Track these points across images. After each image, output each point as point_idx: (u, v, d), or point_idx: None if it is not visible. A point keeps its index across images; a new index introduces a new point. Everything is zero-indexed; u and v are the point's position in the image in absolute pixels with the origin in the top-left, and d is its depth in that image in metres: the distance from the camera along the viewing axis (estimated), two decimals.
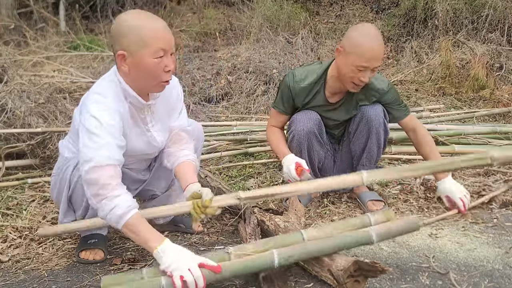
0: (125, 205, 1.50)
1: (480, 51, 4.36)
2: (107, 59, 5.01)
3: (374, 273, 1.44)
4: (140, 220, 1.53)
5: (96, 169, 1.50)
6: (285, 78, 2.24)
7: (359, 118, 2.18)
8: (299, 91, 2.18)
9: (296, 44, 4.90)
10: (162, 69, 1.58)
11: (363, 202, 2.27)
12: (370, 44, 1.95)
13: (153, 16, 1.60)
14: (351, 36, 2.02)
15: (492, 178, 2.57)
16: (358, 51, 1.96)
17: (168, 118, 1.85)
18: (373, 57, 1.95)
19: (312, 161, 2.24)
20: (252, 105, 3.94)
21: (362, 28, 2.04)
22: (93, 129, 1.54)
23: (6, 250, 1.99)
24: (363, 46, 1.95)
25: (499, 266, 1.70)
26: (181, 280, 1.40)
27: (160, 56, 1.54)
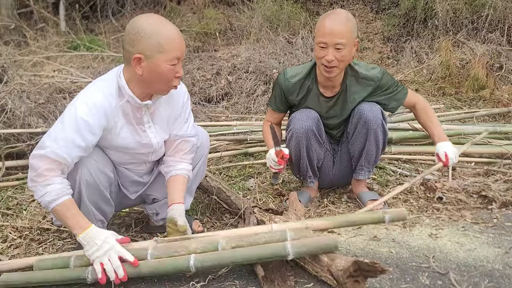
0: (55, 193, 1.58)
1: (480, 51, 4.36)
2: (107, 59, 5.01)
3: (374, 273, 1.44)
4: (69, 207, 1.61)
5: (42, 158, 1.58)
6: (277, 77, 2.26)
7: (356, 119, 2.17)
8: (290, 87, 2.19)
9: (296, 44, 4.90)
10: (174, 75, 1.64)
11: (363, 201, 2.27)
12: (325, 20, 2.01)
13: (168, 22, 1.64)
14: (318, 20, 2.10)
15: (492, 178, 2.57)
16: (317, 29, 2.04)
17: (169, 123, 1.86)
18: (327, 32, 1.97)
19: (311, 160, 2.24)
20: (252, 105, 3.94)
21: (328, 12, 2.09)
22: (66, 119, 1.61)
23: (6, 250, 1.99)
24: (319, 23, 2.03)
25: (499, 266, 1.70)
26: (101, 267, 1.55)
27: (174, 63, 1.60)
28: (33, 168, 1.59)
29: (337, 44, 1.97)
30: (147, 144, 1.81)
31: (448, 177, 2.61)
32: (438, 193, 2.37)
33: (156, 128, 1.81)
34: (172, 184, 1.85)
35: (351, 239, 1.96)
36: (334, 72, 2.05)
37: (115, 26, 6.33)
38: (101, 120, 1.63)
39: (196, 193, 2.44)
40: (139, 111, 1.73)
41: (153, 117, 1.79)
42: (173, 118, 1.86)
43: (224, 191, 2.21)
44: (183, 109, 1.88)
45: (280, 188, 2.55)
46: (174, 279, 1.68)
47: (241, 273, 1.70)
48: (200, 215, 2.26)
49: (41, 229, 2.16)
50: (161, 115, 1.81)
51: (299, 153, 2.19)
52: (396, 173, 2.69)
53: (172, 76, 1.63)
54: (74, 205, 1.63)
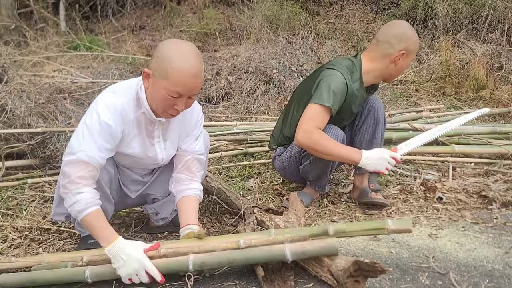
0: (84, 202, 1.59)
1: (480, 51, 4.36)
2: (107, 59, 5.01)
3: (374, 273, 1.44)
4: (97, 218, 1.62)
5: (75, 164, 1.60)
6: (338, 76, 2.09)
7: (367, 110, 2.26)
8: (355, 90, 2.15)
9: (296, 44, 4.90)
10: (172, 105, 1.62)
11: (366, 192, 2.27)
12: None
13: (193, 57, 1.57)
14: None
15: (492, 178, 2.57)
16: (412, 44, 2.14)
17: (179, 140, 1.86)
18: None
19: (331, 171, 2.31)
20: (252, 105, 3.94)
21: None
22: (90, 124, 1.63)
23: (6, 250, 1.99)
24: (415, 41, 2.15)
25: (499, 266, 1.70)
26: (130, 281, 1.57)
27: (175, 96, 1.58)
28: (65, 174, 1.62)
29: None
30: (152, 158, 1.82)
31: (448, 177, 2.61)
32: (438, 193, 2.37)
33: (165, 144, 1.82)
34: (186, 206, 1.82)
35: (351, 239, 1.96)
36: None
37: (115, 26, 6.32)
38: (121, 124, 1.67)
39: None
40: (152, 124, 1.75)
41: (165, 132, 1.80)
42: (184, 135, 1.86)
43: (224, 191, 2.21)
44: (195, 127, 1.88)
45: (280, 188, 2.55)
46: (174, 279, 1.68)
47: (241, 273, 1.70)
48: (200, 215, 2.26)
49: (41, 229, 2.16)
50: (173, 131, 1.82)
51: (325, 169, 2.22)
52: (396, 173, 2.69)
53: (170, 106, 1.62)
54: (103, 216, 1.64)
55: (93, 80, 4.20)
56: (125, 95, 1.68)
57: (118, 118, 1.65)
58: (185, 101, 1.62)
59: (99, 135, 1.62)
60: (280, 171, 2.41)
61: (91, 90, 3.97)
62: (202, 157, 1.91)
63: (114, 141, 1.67)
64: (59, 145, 2.62)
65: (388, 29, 2.14)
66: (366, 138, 2.27)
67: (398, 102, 4.08)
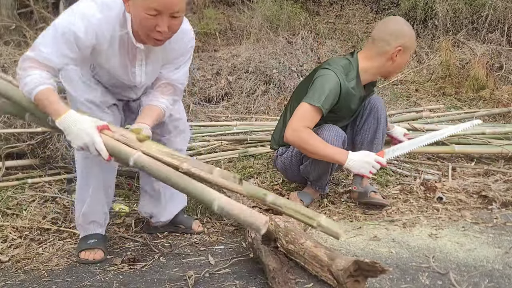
0: (33, 82, 1.56)
1: (480, 51, 4.36)
2: None
3: (374, 273, 1.44)
4: (48, 95, 1.57)
5: (31, 60, 1.58)
6: (332, 76, 2.10)
7: (368, 110, 2.26)
8: (350, 89, 2.15)
9: (296, 44, 4.89)
10: (153, 26, 1.53)
11: (365, 193, 2.27)
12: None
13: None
14: None
15: (492, 178, 2.57)
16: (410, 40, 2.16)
17: (162, 66, 1.81)
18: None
19: (332, 173, 2.31)
20: (252, 105, 3.94)
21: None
22: (60, 28, 1.59)
23: (6, 250, 1.99)
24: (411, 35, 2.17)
25: (499, 266, 1.70)
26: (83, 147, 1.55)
27: (152, 14, 1.51)
28: (20, 66, 1.60)
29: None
30: (131, 79, 1.77)
31: (448, 177, 2.62)
32: (438, 193, 2.37)
33: (147, 68, 1.76)
34: (146, 111, 1.76)
35: (351, 239, 1.96)
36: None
37: None
38: (94, 40, 1.61)
39: None
40: (134, 48, 1.69)
41: (148, 57, 1.74)
42: (166, 61, 1.80)
43: (224, 191, 2.20)
44: (182, 56, 1.82)
45: (280, 188, 2.54)
46: (174, 279, 1.68)
47: (241, 273, 1.70)
48: (200, 215, 2.26)
49: (41, 229, 2.16)
50: (156, 57, 1.76)
51: (326, 169, 2.21)
52: (396, 173, 2.69)
53: (151, 27, 1.53)
54: (54, 93, 1.59)
55: None
56: (110, 8, 1.61)
57: (91, 34, 1.59)
58: (167, 21, 1.53)
59: (63, 42, 1.58)
60: (282, 170, 2.42)
61: None
62: (179, 85, 1.86)
63: (80, 52, 1.61)
64: (59, 145, 2.61)
65: (384, 26, 2.14)
66: (367, 139, 2.27)
67: (398, 102, 4.08)
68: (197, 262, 1.82)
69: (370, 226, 2.10)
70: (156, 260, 1.85)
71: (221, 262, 1.80)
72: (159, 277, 1.70)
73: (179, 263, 1.82)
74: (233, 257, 1.83)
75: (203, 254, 1.88)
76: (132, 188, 2.52)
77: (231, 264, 1.78)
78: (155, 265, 1.81)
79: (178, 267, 1.78)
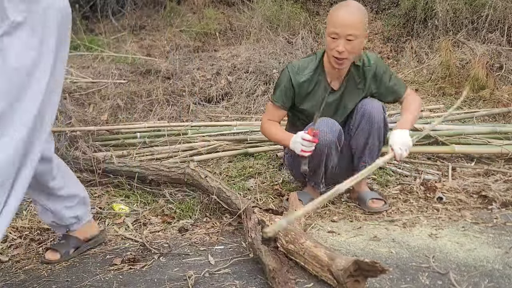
0: None
1: (480, 51, 4.36)
2: (107, 59, 5.00)
3: (374, 273, 1.44)
4: None
5: None
6: (284, 71, 2.22)
7: (360, 115, 2.19)
8: (302, 82, 2.17)
9: (296, 44, 4.90)
10: None
11: (364, 200, 2.27)
12: (338, 11, 2.03)
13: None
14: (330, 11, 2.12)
15: (492, 178, 2.57)
16: (329, 20, 2.06)
17: None
18: (339, 23, 1.98)
19: (327, 169, 2.25)
20: (252, 105, 3.94)
21: (342, 3, 2.11)
22: None
23: (6, 250, 1.99)
24: (331, 14, 2.06)
25: (499, 266, 1.70)
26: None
27: None
28: None
29: (349, 35, 1.99)
30: None
31: (448, 177, 2.61)
32: (438, 193, 2.37)
33: None
34: None
35: (351, 239, 1.96)
36: (345, 63, 2.08)
37: (115, 26, 6.32)
38: None
39: (196, 193, 2.45)
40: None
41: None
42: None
43: (224, 191, 2.21)
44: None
45: (280, 188, 2.55)
46: (174, 279, 1.68)
47: (241, 273, 1.70)
48: (200, 215, 2.26)
49: (41, 229, 2.15)
50: None
51: (318, 163, 2.19)
52: (396, 173, 2.69)
53: None
54: None
55: (93, 80, 4.20)
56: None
57: None
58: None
59: None
60: (289, 168, 2.46)
61: (91, 90, 3.97)
62: None
63: None
64: (59, 145, 2.61)
65: None
66: (361, 143, 2.22)
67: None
68: (197, 262, 1.82)
69: (370, 226, 2.10)
70: (156, 260, 1.85)
71: (221, 262, 1.80)
72: (159, 277, 1.70)
73: (179, 263, 1.82)
74: (233, 257, 1.83)
75: (203, 254, 1.88)
76: (132, 188, 2.52)
77: (231, 264, 1.78)
78: (155, 265, 1.81)
79: (178, 267, 1.78)
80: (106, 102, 3.76)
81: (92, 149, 2.70)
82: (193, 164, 2.44)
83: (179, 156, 2.86)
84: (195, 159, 2.84)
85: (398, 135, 2.03)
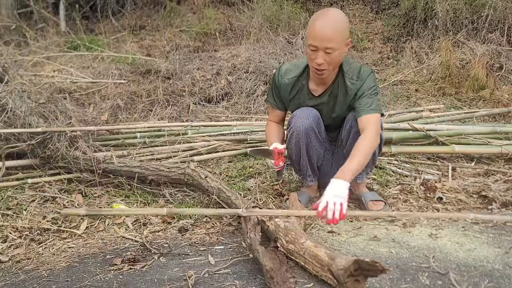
0: None
1: (480, 51, 4.36)
2: (107, 59, 5.01)
3: (374, 272, 1.44)
4: None
5: None
6: (274, 73, 2.27)
7: (349, 126, 2.15)
8: (285, 85, 2.19)
9: (296, 44, 4.90)
10: None
11: (364, 202, 2.27)
12: (315, 23, 1.96)
13: None
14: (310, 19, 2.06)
15: (492, 178, 2.57)
16: (308, 30, 2.00)
17: None
18: (317, 36, 1.93)
19: (311, 159, 2.23)
20: (252, 105, 3.94)
21: (320, 11, 2.05)
22: None
23: (6, 250, 1.99)
24: (310, 25, 1.99)
25: (499, 266, 1.70)
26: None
27: None
28: None
29: (327, 49, 1.95)
30: None
31: (448, 177, 2.61)
32: (438, 193, 2.37)
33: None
34: None
35: (351, 239, 1.96)
36: (325, 73, 2.05)
37: (115, 26, 6.32)
38: None
39: (196, 193, 2.45)
40: None
41: None
42: None
43: (224, 192, 2.21)
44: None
45: (280, 188, 2.54)
46: (174, 279, 1.68)
47: (241, 273, 1.70)
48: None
49: (41, 229, 2.16)
50: None
51: (299, 151, 2.19)
52: (396, 173, 2.69)
53: None
54: None
55: (93, 80, 4.20)
56: None
57: None
58: None
59: None
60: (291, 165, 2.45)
61: (91, 90, 3.97)
62: None
63: None
64: (59, 145, 2.61)
65: None
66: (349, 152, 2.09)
67: (398, 102, 4.08)
68: (197, 262, 1.82)
69: (370, 226, 2.10)
70: (156, 260, 1.85)
71: (221, 262, 1.80)
72: (159, 277, 1.70)
73: (179, 263, 1.82)
74: (233, 257, 1.83)
75: (203, 254, 1.88)
76: (132, 188, 2.52)
77: (231, 264, 1.78)
78: (155, 265, 1.81)
79: (178, 267, 1.78)
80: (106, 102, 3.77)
81: (92, 149, 2.70)
82: (193, 165, 2.44)
83: (179, 156, 2.86)
84: (195, 159, 2.84)
85: (330, 186, 1.78)
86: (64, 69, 4.55)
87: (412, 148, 2.92)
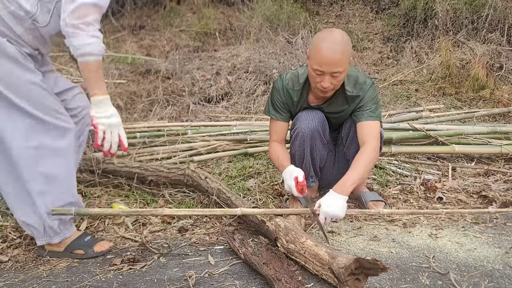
0: (99, 48, 1.65)
1: (480, 51, 4.37)
2: (107, 59, 5.01)
3: (375, 271, 1.44)
4: (100, 67, 1.69)
5: (93, 7, 1.61)
6: (275, 84, 2.21)
7: (349, 124, 2.16)
8: (290, 95, 2.16)
9: (296, 44, 4.90)
10: None
11: (364, 201, 2.27)
12: (322, 47, 1.91)
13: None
14: (313, 41, 2.00)
15: (492, 178, 2.57)
16: (313, 54, 1.95)
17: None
18: (324, 62, 1.90)
19: (314, 161, 2.23)
20: (252, 105, 3.94)
21: (324, 33, 1.99)
22: None
23: (6, 250, 1.99)
24: (316, 48, 1.93)
25: (499, 266, 1.70)
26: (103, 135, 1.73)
27: None
28: (81, 15, 1.60)
29: (334, 73, 1.93)
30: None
31: (448, 177, 2.61)
32: (438, 193, 2.37)
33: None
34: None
35: (351, 239, 1.96)
36: (329, 93, 2.05)
37: (115, 26, 6.32)
38: None
39: (195, 193, 2.45)
40: None
41: None
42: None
43: (224, 192, 2.21)
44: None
45: (280, 188, 2.55)
46: (174, 279, 1.68)
47: (241, 273, 1.70)
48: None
49: None
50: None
51: (302, 153, 2.19)
52: (396, 173, 2.69)
53: None
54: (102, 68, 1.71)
55: None
56: None
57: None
58: None
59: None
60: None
61: None
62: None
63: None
64: None
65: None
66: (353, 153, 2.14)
67: (398, 102, 4.08)
68: (197, 262, 1.82)
69: (370, 226, 2.10)
70: (156, 260, 1.85)
71: (221, 262, 1.80)
72: (159, 277, 1.70)
73: (179, 263, 1.82)
74: (233, 257, 1.83)
75: (203, 254, 1.88)
76: (132, 188, 2.52)
77: (231, 264, 1.77)
78: (155, 265, 1.81)
79: (178, 267, 1.78)
80: None
81: (92, 149, 2.70)
82: (193, 165, 2.44)
83: (179, 156, 2.86)
84: (195, 159, 2.84)
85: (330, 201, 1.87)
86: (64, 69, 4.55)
87: (412, 148, 2.92)
